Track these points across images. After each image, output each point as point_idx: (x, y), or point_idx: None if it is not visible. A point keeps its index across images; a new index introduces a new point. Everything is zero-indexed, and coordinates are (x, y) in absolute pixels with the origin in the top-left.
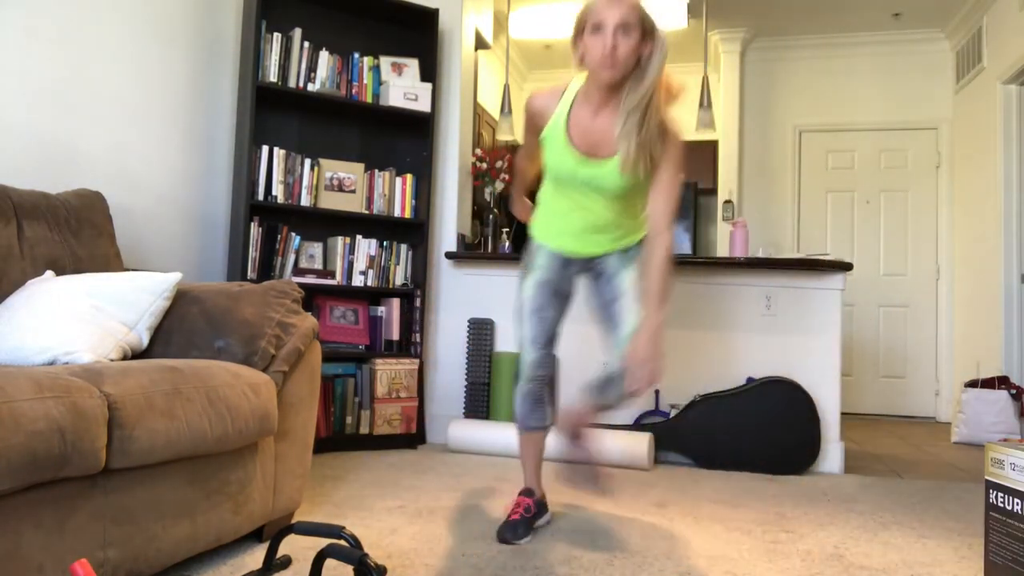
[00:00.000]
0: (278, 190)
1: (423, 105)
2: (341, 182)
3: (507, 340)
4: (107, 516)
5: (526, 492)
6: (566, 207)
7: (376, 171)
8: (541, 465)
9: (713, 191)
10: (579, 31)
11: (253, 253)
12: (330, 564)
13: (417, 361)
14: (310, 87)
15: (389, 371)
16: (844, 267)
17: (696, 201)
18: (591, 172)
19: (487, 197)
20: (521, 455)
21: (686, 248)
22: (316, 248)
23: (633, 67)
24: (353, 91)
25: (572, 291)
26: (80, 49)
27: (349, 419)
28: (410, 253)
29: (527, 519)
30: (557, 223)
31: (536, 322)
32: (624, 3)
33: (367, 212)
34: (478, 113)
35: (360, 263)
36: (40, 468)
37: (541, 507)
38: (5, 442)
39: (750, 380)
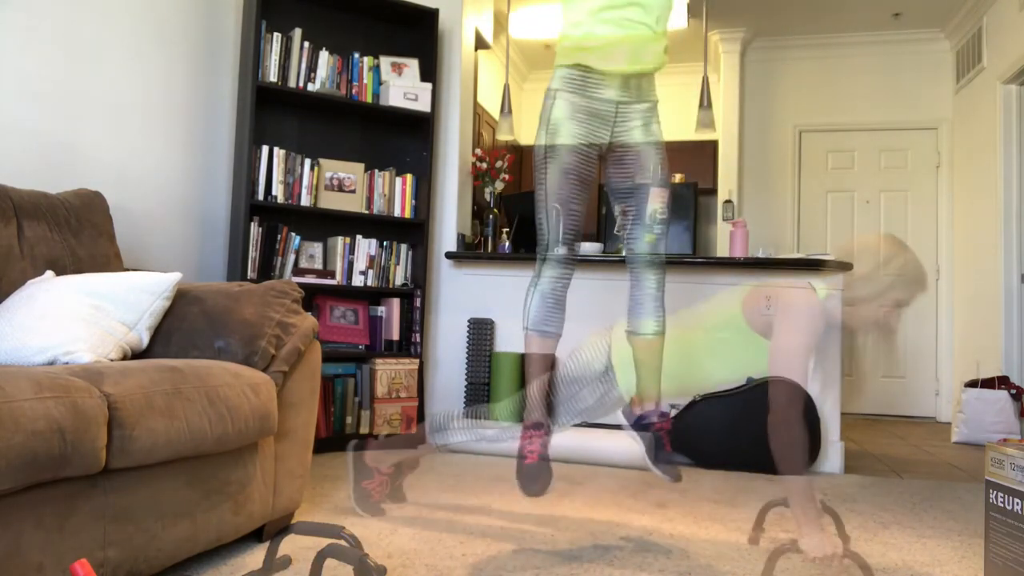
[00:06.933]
0: (278, 190)
1: (423, 105)
2: (341, 182)
3: (507, 340)
4: (107, 516)
5: (536, 425)
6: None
7: (376, 171)
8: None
9: (713, 191)
10: None
11: (253, 253)
12: (330, 564)
13: (417, 361)
14: (310, 87)
15: (389, 371)
16: (844, 267)
17: (696, 201)
18: None
19: (487, 197)
20: (530, 370)
21: (686, 248)
22: (316, 248)
23: None
24: (353, 91)
25: (593, 177)
26: (80, 49)
27: (349, 419)
28: (410, 253)
29: (546, 460)
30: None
31: (565, 215)
32: None
33: (367, 212)
34: (478, 113)
35: (360, 263)
36: (40, 468)
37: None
38: (5, 442)
39: (750, 380)
